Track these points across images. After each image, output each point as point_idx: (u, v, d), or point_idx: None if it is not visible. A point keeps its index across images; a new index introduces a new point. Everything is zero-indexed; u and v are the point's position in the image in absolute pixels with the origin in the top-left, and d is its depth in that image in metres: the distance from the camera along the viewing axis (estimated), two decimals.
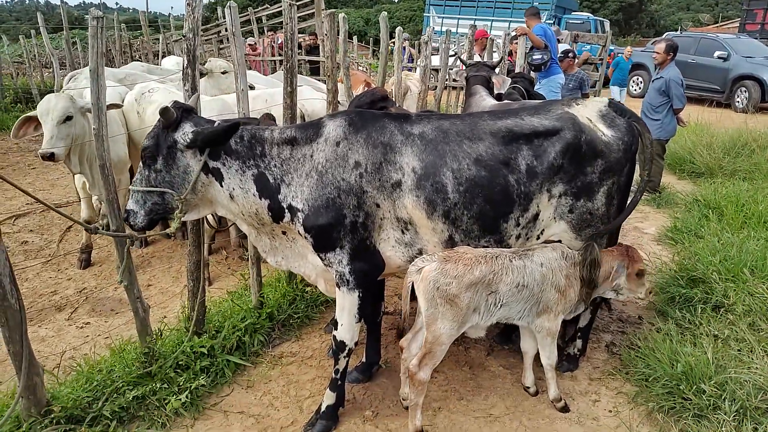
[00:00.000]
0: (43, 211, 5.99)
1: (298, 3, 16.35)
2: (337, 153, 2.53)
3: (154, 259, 4.94)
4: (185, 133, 2.49)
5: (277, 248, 2.81)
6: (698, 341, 3.20)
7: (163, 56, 13.38)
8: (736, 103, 14.66)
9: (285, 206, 2.58)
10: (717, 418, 2.60)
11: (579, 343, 3.32)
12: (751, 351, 3.05)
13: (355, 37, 16.94)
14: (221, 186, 2.60)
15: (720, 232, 4.78)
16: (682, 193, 6.76)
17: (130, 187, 2.60)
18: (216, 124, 2.55)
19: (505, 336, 3.59)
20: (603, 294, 2.97)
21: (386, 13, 4.73)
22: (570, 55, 8.32)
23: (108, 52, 14.33)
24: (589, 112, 2.80)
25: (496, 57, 8.13)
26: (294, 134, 2.59)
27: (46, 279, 4.54)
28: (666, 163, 7.69)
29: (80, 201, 4.65)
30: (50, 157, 3.62)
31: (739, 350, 3.10)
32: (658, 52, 6.67)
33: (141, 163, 2.56)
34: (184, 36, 2.83)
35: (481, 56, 8.31)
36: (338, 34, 4.12)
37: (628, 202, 2.98)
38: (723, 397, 2.69)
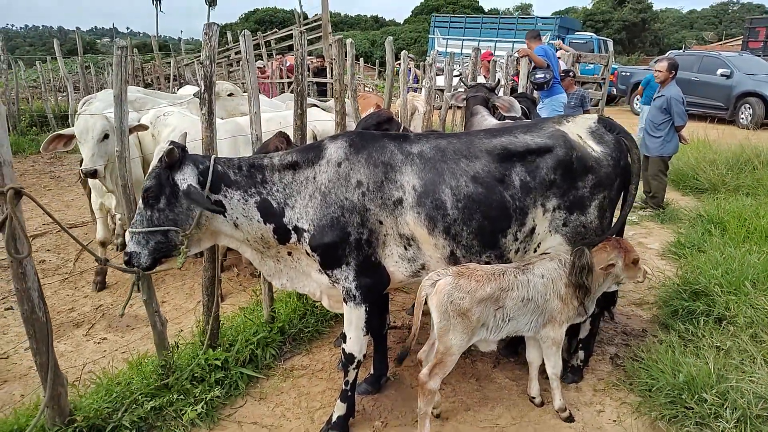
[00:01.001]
0: (59, 231, 6.17)
1: (305, 27, 16.77)
2: (340, 173, 2.66)
3: (168, 276, 5.07)
4: (184, 179, 2.54)
5: (282, 270, 2.90)
6: (700, 352, 3.26)
7: (174, 80, 13.75)
8: (741, 120, 14.75)
9: (291, 228, 2.69)
10: (718, 425, 2.65)
11: (581, 354, 3.39)
12: (753, 361, 3.11)
13: (361, 59, 17.26)
14: (224, 217, 2.66)
15: (722, 247, 4.85)
16: (686, 209, 6.84)
17: (131, 229, 2.60)
18: (224, 164, 2.66)
19: (511, 348, 3.67)
20: (608, 289, 3.05)
21: (392, 37, 4.93)
22: (570, 74, 8.52)
23: None
24: (579, 129, 2.93)
25: (499, 76, 8.34)
26: (295, 158, 2.71)
27: (63, 296, 4.67)
28: (670, 180, 7.79)
29: (96, 221, 4.81)
30: (93, 174, 3.88)
31: (741, 361, 3.15)
32: (659, 71, 6.81)
33: (141, 204, 2.58)
34: (201, 63, 3.00)
35: (486, 77, 8.52)
36: (346, 58, 4.30)
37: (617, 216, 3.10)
38: (724, 406, 2.75)
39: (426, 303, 2.68)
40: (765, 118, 14.15)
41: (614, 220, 3.13)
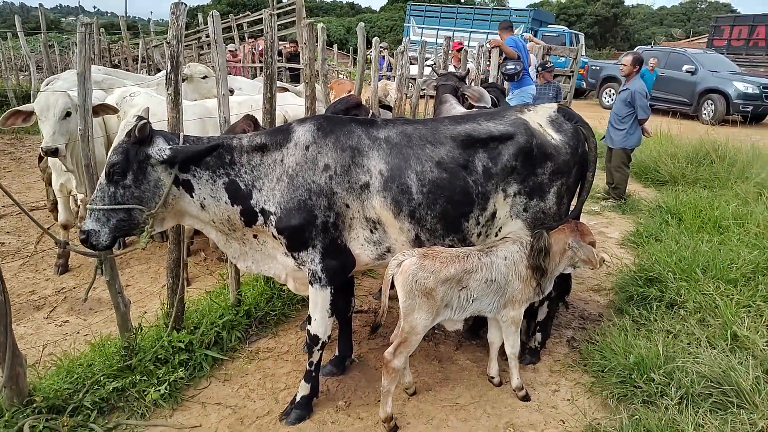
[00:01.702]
0: (20, 213, 6.01)
1: (279, 11, 16.53)
2: (307, 156, 2.68)
3: (133, 260, 5.01)
4: (161, 149, 2.52)
5: (247, 253, 2.91)
6: (651, 336, 3.43)
7: (142, 61, 13.40)
8: (703, 115, 15.25)
9: (258, 210, 2.70)
10: (663, 403, 2.80)
11: (539, 336, 3.52)
12: (698, 344, 3.29)
13: (335, 46, 17.15)
14: (191, 197, 2.65)
15: (678, 236, 5.06)
16: (646, 200, 7.08)
17: (90, 206, 2.48)
18: (194, 143, 2.63)
19: (473, 331, 3.77)
20: (564, 271, 3.14)
21: (363, 23, 4.93)
22: (548, 66, 8.69)
23: None
24: (539, 117, 3.03)
25: (471, 66, 8.42)
26: (263, 141, 2.71)
27: (23, 279, 4.58)
28: (633, 172, 8.04)
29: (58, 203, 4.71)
30: (54, 152, 3.77)
31: (688, 343, 3.33)
32: (625, 65, 7.00)
33: (103, 179, 2.49)
34: (167, 42, 2.97)
35: (456, 67, 8.59)
36: (317, 43, 4.29)
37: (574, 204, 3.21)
38: (670, 385, 2.90)
39: (393, 283, 2.75)
40: (726, 114, 14.65)
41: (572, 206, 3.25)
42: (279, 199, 2.69)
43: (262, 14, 16.96)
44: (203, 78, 5.74)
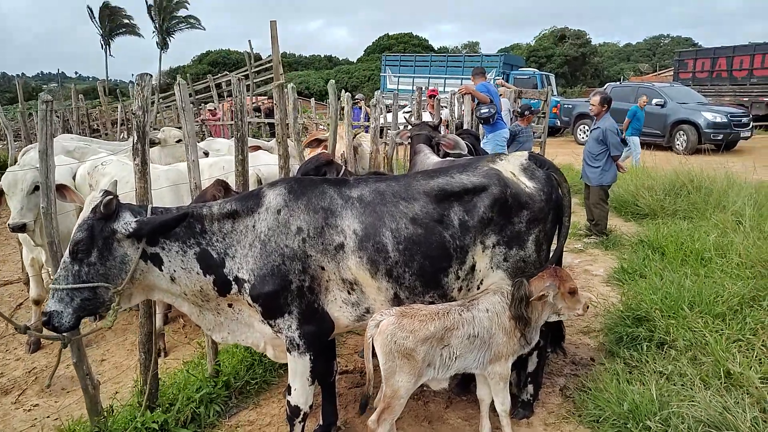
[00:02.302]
0: None
1: (258, 68, 16.90)
2: (279, 221, 2.63)
3: (109, 332, 4.83)
4: (127, 222, 2.45)
5: (223, 323, 2.80)
6: (644, 378, 3.34)
7: (122, 125, 13.48)
8: (677, 146, 15.62)
9: (231, 279, 2.62)
10: None
11: (531, 388, 3.40)
12: (692, 384, 3.20)
13: (312, 99, 17.47)
14: (161, 270, 2.57)
15: (662, 271, 5.04)
16: (628, 235, 7.10)
17: (53, 285, 2.40)
18: (162, 214, 2.56)
19: (463, 386, 3.65)
20: (548, 319, 3.05)
21: (333, 81, 5.01)
22: (532, 110, 8.89)
23: (66, 123, 14.34)
24: (512, 166, 3.03)
25: (446, 113, 8.59)
26: (234, 207, 2.67)
27: None
28: (612, 206, 8.11)
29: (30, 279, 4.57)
30: (22, 227, 3.66)
31: (682, 385, 3.24)
32: (593, 105, 7.17)
33: (67, 257, 2.42)
34: (134, 113, 2.95)
35: (432, 114, 8.76)
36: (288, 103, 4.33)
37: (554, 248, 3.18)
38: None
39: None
40: (698, 143, 15.04)
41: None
42: (252, 266, 2.62)
43: (242, 72, 17.34)
44: (178, 142, 5.75)
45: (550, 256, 3.22)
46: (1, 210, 9.95)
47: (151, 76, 2.92)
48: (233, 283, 2.64)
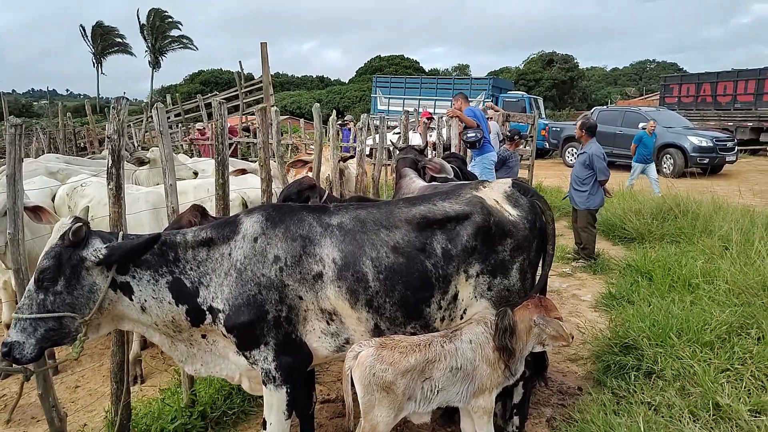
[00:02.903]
0: None
1: (250, 88, 16.96)
2: (256, 249, 2.56)
3: (85, 357, 4.68)
4: (97, 249, 2.36)
5: (196, 355, 2.70)
6: (632, 409, 3.26)
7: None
8: (664, 170, 15.76)
9: (205, 308, 2.53)
10: None
11: (516, 420, 3.31)
12: (681, 417, 3.13)
13: (301, 120, 17.53)
14: (131, 300, 2.48)
15: (649, 297, 4.99)
16: (616, 259, 7.07)
17: (16, 314, 2.29)
18: (133, 238, 2.47)
19: (449, 416, 3.55)
20: (534, 350, 2.95)
21: (318, 104, 4.99)
22: (516, 137, 8.92)
23: (52, 140, 14.23)
24: (495, 194, 2.98)
25: (434, 135, 8.60)
26: (210, 234, 2.59)
27: None
28: (600, 230, 8.10)
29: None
30: None
31: (670, 417, 3.17)
32: (578, 131, 7.22)
33: (32, 286, 2.33)
34: (108, 137, 2.89)
35: (421, 135, 8.80)
36: (271, 126, 4.29)
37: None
38: None
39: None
40: (685, 167, 15.19)
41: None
42: (227, 295, 2.53)
43: (231, 92, 17.37)
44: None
45: (535, 284, 3.16)
46: None
47: (128, 100, 2.87)
48: (207, 312, 2.55)
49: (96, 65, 56.59)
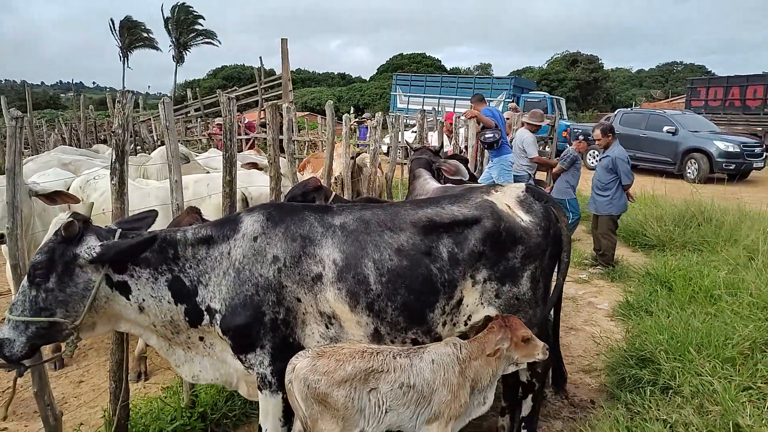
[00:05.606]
0: None
1: (270, 83, 16.99)
2: (255, 248, 2.48)
3: (91, 351, 4.68)
4: (91, 246, 2.31)
5: (194, 359, 2.63)
6: (646, 426, 3.11)
7: (130, 135, 13.52)
8: (688, 174, 15.35)
9: (203, 308, 2.47)
10: None
11: None
12: None
13: (319, 116, 17.53)
14: (128, 299, 2.42)
15: (669, 308, 4.80)
16: (635, 266, 6.85)
17: (9, 315, 2.26)
18: (130, 237, 2.40)
19: None
20: (505, 371, 2.72)
21: (331, 102, 4.90)
22: (581, 137, 8.62)
23: (74, 132, 14.43)
24: (507, 198, 2.86)
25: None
26: (210, 233, 2.53)
27: None
28: (620, 236, 7.87)
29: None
30: (1, 238, 3.51)
31: None
32: (597, 139, 6.99)
33: (25, 282, 2.29)
34: (113, 132, 2.84)
35: (449, 136, 8.67)
36: (283, 123, 4.22)
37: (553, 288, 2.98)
38: None
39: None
40: (710, 172, 14.75)
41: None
42: (224, 295, 2.46)
43: (250, 88, 17.43)
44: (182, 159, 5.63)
45: (550, 293, 3.03)
46: None
47: (133, 93, 2.82)
48: (205, 313, 2.48)
49: (122, 59, 57.56)
